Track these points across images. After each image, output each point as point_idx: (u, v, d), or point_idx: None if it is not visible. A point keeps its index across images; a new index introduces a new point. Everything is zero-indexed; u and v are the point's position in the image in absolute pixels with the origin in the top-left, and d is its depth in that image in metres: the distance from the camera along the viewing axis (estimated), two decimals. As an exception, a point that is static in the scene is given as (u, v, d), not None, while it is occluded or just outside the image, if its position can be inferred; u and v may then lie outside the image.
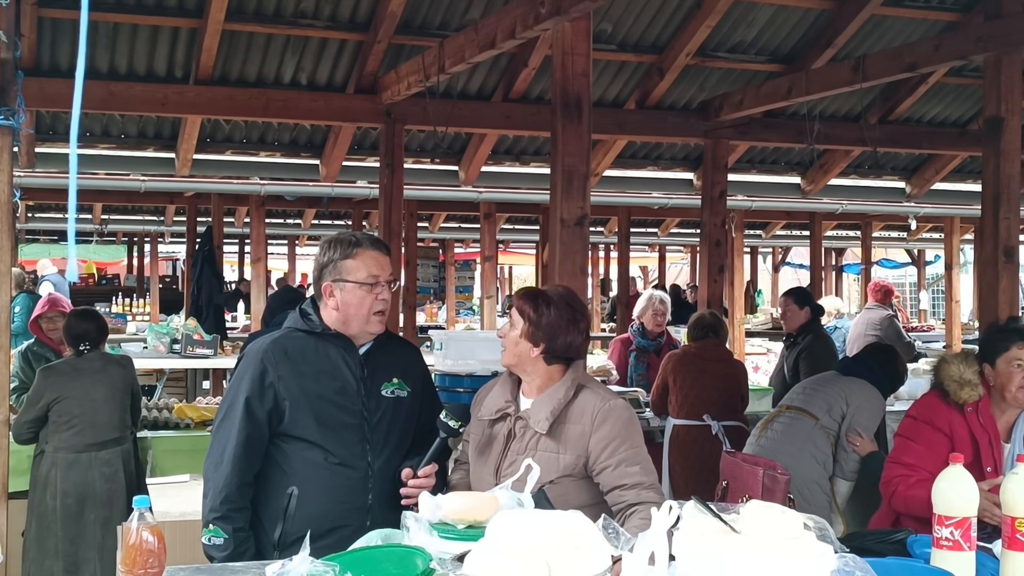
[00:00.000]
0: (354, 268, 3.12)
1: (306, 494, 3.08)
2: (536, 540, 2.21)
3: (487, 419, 3.22)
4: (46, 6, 6.46)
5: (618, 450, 3.02)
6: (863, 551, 2.58)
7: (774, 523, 2.22)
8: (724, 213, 8.23)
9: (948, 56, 5.98)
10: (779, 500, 3.56)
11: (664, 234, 18.18)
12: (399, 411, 3.21)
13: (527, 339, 3.13)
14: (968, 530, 2.57)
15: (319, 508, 3.08)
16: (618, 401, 3.15)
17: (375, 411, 3.16)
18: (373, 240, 3.20)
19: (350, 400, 3.12)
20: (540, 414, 3.09)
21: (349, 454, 3.11)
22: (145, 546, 2.30)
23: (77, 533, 5.35)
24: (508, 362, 3.20)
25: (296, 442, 3.10)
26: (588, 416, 3.07)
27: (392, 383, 3.21)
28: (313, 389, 3.11)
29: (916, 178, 10.77)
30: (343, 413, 3.11)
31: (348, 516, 3.09)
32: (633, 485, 2.97)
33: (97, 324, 5.79)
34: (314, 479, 3.09)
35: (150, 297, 19.27)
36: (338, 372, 3.13)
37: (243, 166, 9.03)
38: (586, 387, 3.15)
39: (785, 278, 27.36)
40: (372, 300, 3.12)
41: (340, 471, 3.10)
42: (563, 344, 3.14)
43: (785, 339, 7.87)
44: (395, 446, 3.19)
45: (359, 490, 3.12)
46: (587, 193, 4.79)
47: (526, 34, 5.15)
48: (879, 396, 5.52)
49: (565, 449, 3.06)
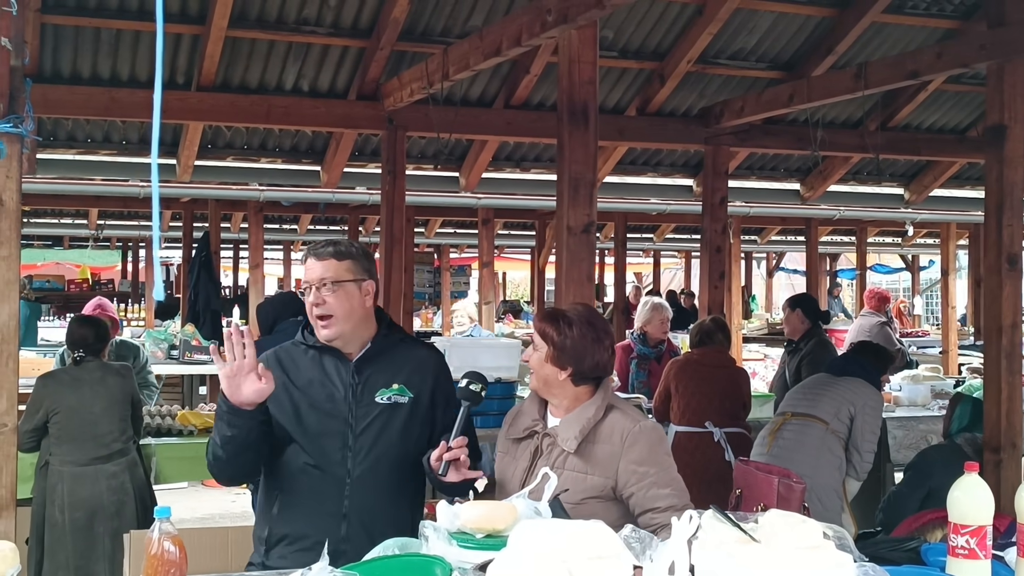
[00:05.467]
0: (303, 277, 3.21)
1: (289, 497, 3.16)
2: (558, 549, 2.21)
3: (514, 438, 3.23)
4: (49, 13, 6.46)
5: (648, 473, 3.01)
6: (877, 559, 2.58)
7: (794, 533, 2.22)
8: (724, 219, 8.24)
9: (951, 64, 6.00)
10: (794, 509, 3.56)
11: (659, 240, 18.20)
12: (394, 418, 3.18)
13: (553, 363, 3.12)
14: (984, 538, 2.58)
15: (299, 511, 3.14)
16: (648, 422, 3.15)
17: (363, 418, 3.15)
18: (317, 245, 3.21)
19: (335, 408, 3.14)
20: (569, 432, 3.08)
21: (327, 461, 3.12)
22: (167, 556, 2.30)
23: (87, 546, 5.34)
24: (536, 386, 3.20)
25: (282, 447, 3.15)
26: (618, 437, 3.06)
27: (391, 389, 3.18)
28: (299, 396, 3.15)
29: (915, 184, 10.80)
30: (327, 419, 3.13)
31: (324, 520, 3.10)
32: (665, 508, 2.95)
33: (96, 332, 5.73)
34: (295, 483, 3.15)
35: (145, 303, 19.24)
36: (327, 380, 3.17)
37: (244, 172, 9.01)
38: (616, 408, 3.14)
39: (779, 283, 27.44)
40: (309, 305, 3.14)
41: (317, 476, 3.12)
42: (591, 364, 3.13)
43: (786, 345, 7.90)
44: (383, 453, 3.15)
45: (335, 496, 3.12)
46: (593, 200, 4.80)
47: (532, 42, 5.16)
48: (878, 393, 5.69)
49: (593, 470, 3.05)
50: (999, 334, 5.40)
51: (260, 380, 2.92)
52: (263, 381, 2.93)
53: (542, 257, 15.78)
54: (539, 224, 15.27)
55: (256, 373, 2.92)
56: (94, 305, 7.24)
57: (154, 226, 2.08)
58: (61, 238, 19.32)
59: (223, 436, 3.04)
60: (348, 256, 3.16)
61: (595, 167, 4.85)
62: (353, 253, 3.19)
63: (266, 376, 2.94)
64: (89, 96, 6.96)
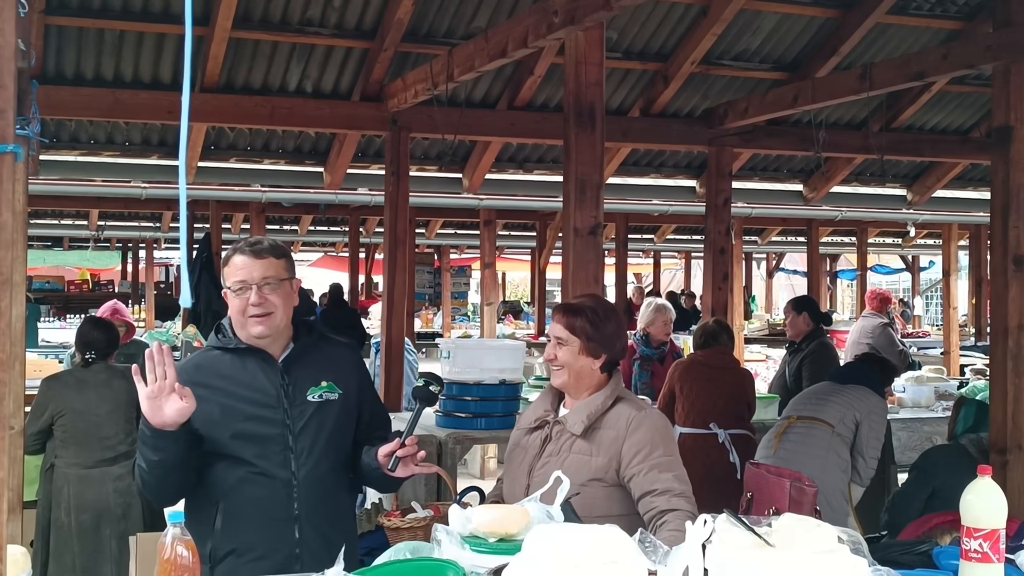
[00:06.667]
0: (228, 275, 3.12)
1: (232, 508, 3.06)
2: (574, 554, 2.21)
3: (525, 428, 3.29)
4: (52, 14, 6.45)
5: (650, 456, 3.04)
6: (889, 563, 2.58)
7: (808, 537, 2.22)
8: (728, 221, 8.24)
9: (956, 65, 5.99)
10: (807, 512, 3.55)
11: (660, 240, 18.20)
12: (327, 415, 3.16)
13: (587, 354, 3.20)
14: (996, 542, 2.57)
15: (245, 521, 3.05)
16: (653, 411, 3.24)
17: (299, 418, 3.11)
18: (250, 244, 3.17)
19: (270, 410, 3.08)
20: (577, 417, 3.16)
21: (270, 465, 3.07)
22: (179, 561, 2.30)
23: (94, 548, 5.33)
24: (564, 383, 3.24)
25: (216, 458, 3.07)
26: (623, 422, 3.12)
27: (320, 387, 3.16)
28: (228, 404, 3.08)
29: (917, 185, 10.79)
30: (263, 424, 3.07)
31: (275, 527, 3.06)
32: (664, 491, 2.98)
33: (107, 336, 5.71)
34: (238, 493, 3.06)
35: (145, 303, 19.23)
36: (256, 383, 3.09)
37: (247, 173, 9.01)
38: (624, 398, 3.22)
39: (779, 284, 27.45)
40: (243, 305, 3.08)
41: (263, 482, 3.07)
42: (620, 348, 3.27)
43: (787, 346, 7.89)
44: (323, 452, 3.14)
45: (284, 500, 3.08)
46: (600, 202, 4.79)
47: (538, 43, 5.15)
48: (882, 400, 5.69)
49: (598, 452, 3.10)
50: (1005, 335, 5.38)
51: (181, 399, 2.83)
52: (184, 400, 2.84)
53: (543, 258, 15.78)
54: (540, 225, 15.27)
55: (177, 393, 2.83)
56: (110, 309, 7.17)
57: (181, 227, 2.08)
58: (61, 239, 19.30)
59: (149, 461, 2.95)
60: (285, 255, 3.18)
61: (602, 168, 4.86)
62: (287, 251, 3.22)
63: (186, 395, 2.84)
64: (93, 97, 6.95)
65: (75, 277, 23.13)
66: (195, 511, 3.09)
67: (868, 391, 5.64)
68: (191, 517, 3.06)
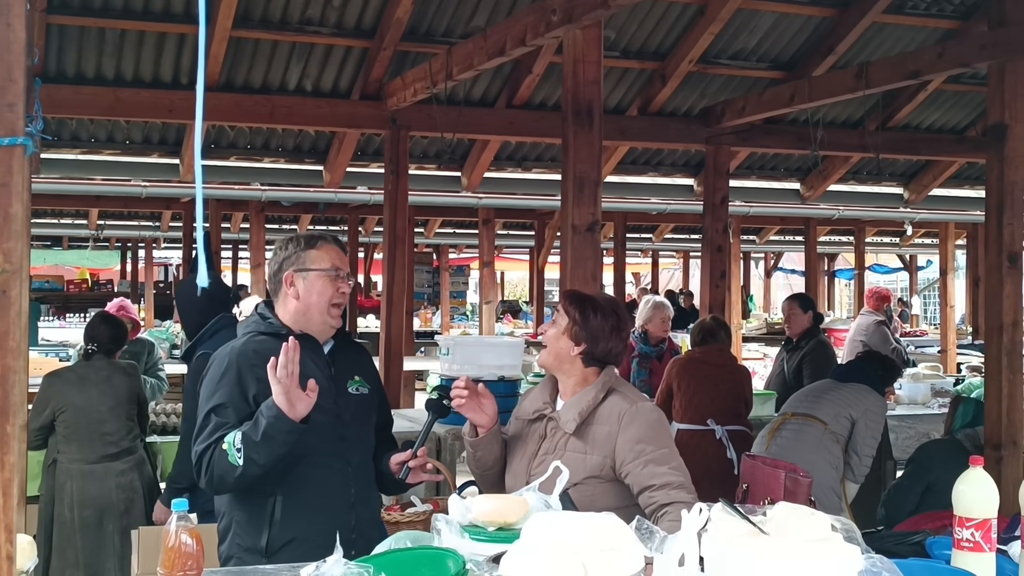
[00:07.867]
0: (318, 258, 3.13)
1: (292, 498, 3.06)
2: (572, 541, 2.24)
3: (525, 418, 3.30)
4: (54, 13, 6.48)
5: (645, 451, 3.04)
6: (883, 553, 2.60)
7: (802, 525, 2.25)
8: (725, 219, 8.27)
9: (952, 64, 6.04)
10: (801, 502, 3.59)
11: (658, 239, 18.22)
12: (363, 408, 3.23)
13: (569, 337, 3.21)
14: (988, 532, 2.60)
15: (307, 510, 3.06)
16: (647, 404, 3.20)
17: (346, 408, 3.17)
18: (334, 237, 3.24)
19: (323, 399, 3.04)
20: (569, 415, 3.16)
21: (328, 453, 3.10)
22: (184, 549, 2.31)
23: (97, 544, 5.35)
24: (545, 360, 3.27)
25: None
26: (615, 418, 3.11)
27: (355, 381, 3.22)
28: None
29: (914, 184, 10.83)
30: (320, 413, 3.02)
31: (335, 514, 3.08)
32: (662, 485, 2.99)
33: (112, 332, 5.72)
34: (299, 482, 3.06)
35: (144, 302, 19.23)
36: (309, 372, 3.00)
37: (247, 172, 9.04)
38: (616, 390, 3.20)
39: (777, 283, 27.47)
40: (333, 291, 3.11)
41: (323, 471, 3.10)
42: (604, 349, 3.22)
43: (785, 343, 7.93)
44: (368, 442, 3.24)
45: (342, 487, 3.12)
46: (598, 200, 4.82)
47: (537, 42, 5.18)
48: (881, 399, 5.68)
49: (592, 450, 3.10)
50: (1000, 332, 5.44)
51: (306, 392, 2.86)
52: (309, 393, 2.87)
53: (542, 257, 15.80)
54: (538, 224, 15.28)
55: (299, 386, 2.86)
56: (117, 306, 7.18)
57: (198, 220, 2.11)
58: (60, 238, 19.31)
59: (275, 455, 2.90)
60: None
61: (600, 166, 4.88)
62: None
63: (311, 387, 2.87)
64: (94, 96, 6.98)
65: (74, 276, 23.12)
66: (248, 503, 3.07)
67: (867, 389, 5.65)
68: (241, 509, 3.08)
